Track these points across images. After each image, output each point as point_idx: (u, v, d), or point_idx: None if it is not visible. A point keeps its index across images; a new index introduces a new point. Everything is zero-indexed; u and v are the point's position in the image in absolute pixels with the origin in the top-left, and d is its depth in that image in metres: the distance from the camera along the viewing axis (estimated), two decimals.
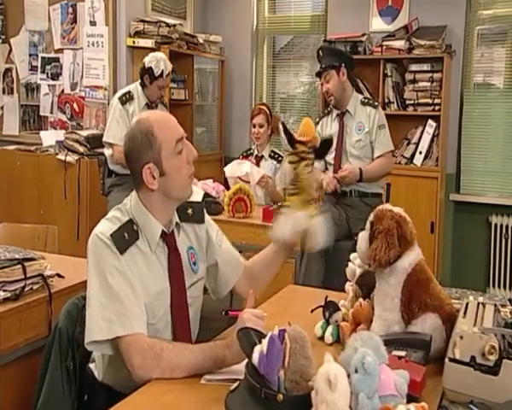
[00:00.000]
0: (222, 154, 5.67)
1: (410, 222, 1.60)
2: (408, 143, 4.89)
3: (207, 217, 1.84)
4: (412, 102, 4.80)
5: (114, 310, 1.51)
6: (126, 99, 3.73)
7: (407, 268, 1.54)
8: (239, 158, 4.22)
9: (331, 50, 3.75)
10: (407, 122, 4.87)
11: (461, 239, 5.07)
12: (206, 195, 3.75)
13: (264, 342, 1.24)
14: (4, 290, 1.95)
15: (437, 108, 4.73)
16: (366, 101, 3.66)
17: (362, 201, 3.57)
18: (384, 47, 4.82)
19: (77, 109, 5.08)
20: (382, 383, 1.15)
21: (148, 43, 4.68)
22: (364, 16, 5.11)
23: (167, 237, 1.67)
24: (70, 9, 5.02)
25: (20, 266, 2.01)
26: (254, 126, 4.12)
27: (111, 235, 1.57)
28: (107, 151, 3.79)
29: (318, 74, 3.67)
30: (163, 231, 1.65)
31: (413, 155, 4.86)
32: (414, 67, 4.79)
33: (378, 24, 5.10)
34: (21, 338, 1.97)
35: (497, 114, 4.96)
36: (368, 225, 1.65)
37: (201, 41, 5.18)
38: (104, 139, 3.77)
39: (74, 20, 5.01)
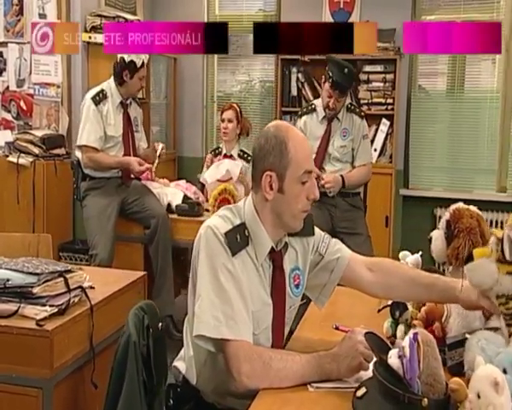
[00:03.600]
0: (175, 154, 5.58)
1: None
2: None
3: (316, 228, 1.80)
4: (366, 101, 5.00)
5: (223, 311, 1.49)
6: (100, 98, 3.57)
7: None
8: (209, 157, 4.20)
9: (354, 75, 3.75)
10: None
11: (409, 231, 5.33)
12: (185, 196, 3.72)
13: (406, 346, 1.27)
14: (51, 305, 1.84)
15: (390, 107, 4.96)
16: (352, 108, 3.75)
17: (344, 200, 3.68)
18: None
19: (24, 108, 4.79)
20: None
21: None
22: (317, 17, 5.22)
23: (275, 255, 1.64)
24: (15, 0, 4.72)
25: (62, 278, 1.91)
26: (223, 121, 4.11)
27: (225, 233, 1.54)
28: (80, 154, 3.62)
29: (334, 87, 3.57)
30: (272, 247, 1.62)
31: None
32: (368, 68, 4.99)
33: None
34: (70, 355, 1.88)
35: (442, 113, 5.29)
36: (443, 224, 1.71)
37: None
38: (78, 143, 3.59)
39: (20, 12, 4.72)
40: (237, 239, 1.57)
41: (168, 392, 1.73)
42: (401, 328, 1.78)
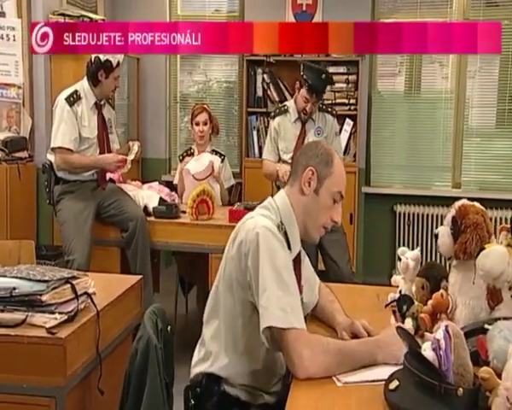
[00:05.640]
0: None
1: None
2: None
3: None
4: (330, 102, 5.08)
5: (288, 303, 1.57)
6: (74, 99, 3.49)
7: None
8: (181, 158, 4.21)
9: (331, 81, 3.84)
10: None
11: (370, 227, 5.49)
12: (161, 198, 3.69)
13: (441, 339, 1.33)
14: (60, 313, 1.80)
15: (353, 107, 5.08)
16: (324, 108, 3.85)
17: None
18: None
19: None
20: None
21: None
22: (280, 19, 5.28)
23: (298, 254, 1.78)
24: None
25: (69, 285, 1.87)
26: (198, 124, 4.10)
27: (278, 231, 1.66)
28: (53, 157, 3.53)
29: (311, 93, 3.66)
30: None
31: None
32: (331, 70, 5.05)
33: None
34: (80, 362, 1.84)
35: (401, 114, 5.47)
36: (449, 221, 1.79)
37: None
38: (52, 145, 3.49)
39: None
40: (286, 234, 1.71)
41: (187, 393, 1.75)
42: (408, 321, 1.85)
